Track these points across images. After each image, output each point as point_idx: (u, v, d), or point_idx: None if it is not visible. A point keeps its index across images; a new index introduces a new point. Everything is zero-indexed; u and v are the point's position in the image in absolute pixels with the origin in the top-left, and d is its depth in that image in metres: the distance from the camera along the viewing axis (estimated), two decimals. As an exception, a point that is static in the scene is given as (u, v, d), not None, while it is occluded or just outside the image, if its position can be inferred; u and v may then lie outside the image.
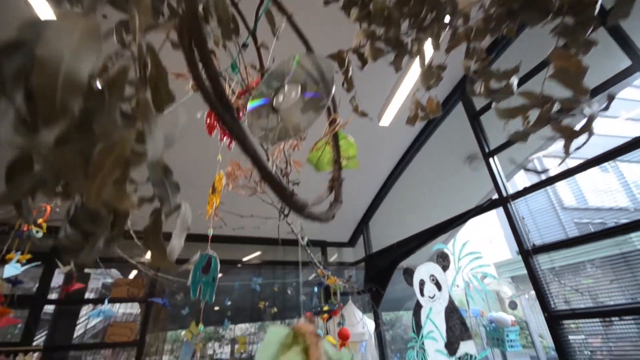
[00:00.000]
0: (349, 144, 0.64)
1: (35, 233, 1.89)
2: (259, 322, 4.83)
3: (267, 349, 0.48)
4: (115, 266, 3.77)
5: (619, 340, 1.92)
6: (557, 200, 9.17)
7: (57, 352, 3.34)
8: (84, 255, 0.27)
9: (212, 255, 1.11)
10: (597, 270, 2.17)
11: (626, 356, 1.88)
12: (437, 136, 3.59)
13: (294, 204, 0.32)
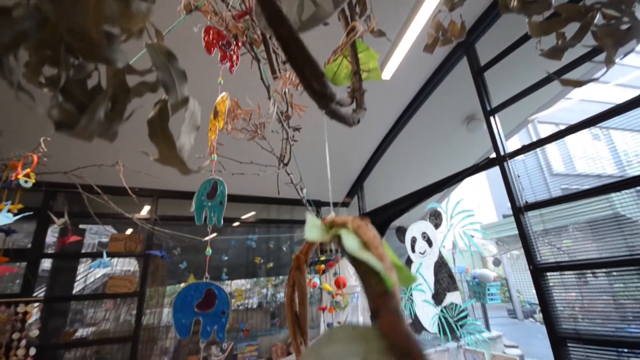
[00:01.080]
0: (370, 55, 0.58)
1: (24, 183, 1.83)
2: (254, 277, 5.00)
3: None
4: (111, 222, 3.77)
5: (597, 292, 2.05)
6: (546, 166, 9.34)
7: (57, 302, 3.44)
8: (80, 128, 0.23)
9: (218, 179, 1.06)
10: (580, 232, 2.25)
11: (602, 307, 2.02)
12: (436, 95, 3.49)
13: (324, 90, 0.28)
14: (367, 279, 0.21)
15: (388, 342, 0.18)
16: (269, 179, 2.45)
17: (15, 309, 2.89)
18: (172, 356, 3.77)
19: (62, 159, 2.48)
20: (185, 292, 0.93)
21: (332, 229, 0.26)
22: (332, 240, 0.27)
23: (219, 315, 0.92)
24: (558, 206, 2.23)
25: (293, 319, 0.41)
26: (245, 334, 4.04)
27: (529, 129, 11.22)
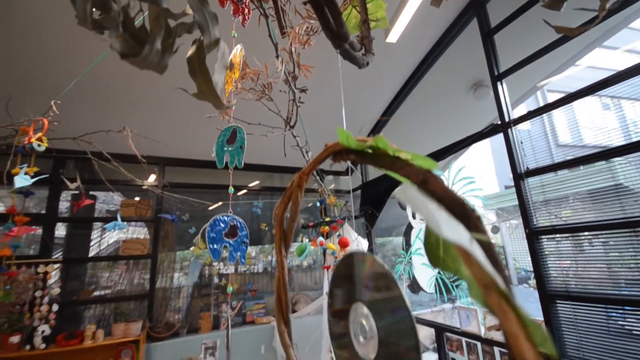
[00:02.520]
0: (378, 4, 0.59)
1: (37, 146, 1.88)
2: (259, 245, 5.18)
3: None
4: (120, 189, 3.86)
5: (589, 254, 2.15)
6: (553, 136, 9.24)
7: (75, 263, 3.63)
8: (143, 57, 0.27)
9: (237, 126, 1.11)
10: (581, 202, 2.30)
11: (592, 267, 2.12)
12: (444, 60, 3.40)
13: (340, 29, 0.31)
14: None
15: (442, 202, 0.23)
16: (274, 147, 2.49)
17: (36, 270, 3.07)
18: (185, 314, 4.03)
19: (70, 126, 2.52)
20: (214, 222, 1.06)
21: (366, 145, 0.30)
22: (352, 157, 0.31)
23: (241, 244, 1.03)
24: (559, 174, 2.27)
25: (281, 235, 0.46)
26: (252, 293, 4.28)
27: (537, 98, 10.93)
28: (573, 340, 2.08)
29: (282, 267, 0.44)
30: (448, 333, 3.09)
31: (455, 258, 0.30)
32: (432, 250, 0.30)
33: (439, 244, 0.30)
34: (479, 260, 0.23)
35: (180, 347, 3.43)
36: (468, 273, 0.29)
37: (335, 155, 0.31)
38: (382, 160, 0.33)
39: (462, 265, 0.28)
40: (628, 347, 1.84)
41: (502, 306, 0.21)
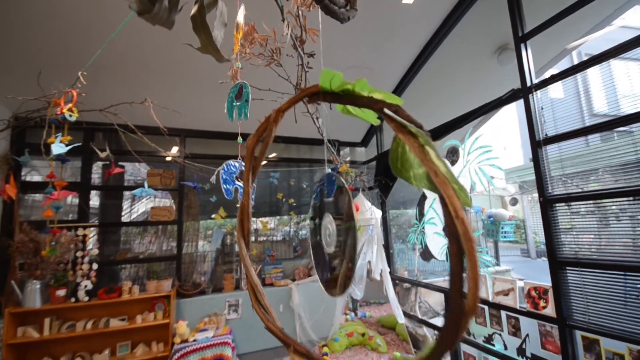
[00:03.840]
0: None
1: (69, 116, 2.02)
2: (278, 215, 5.37)
3: None
4: (146, 159, 4.07)
5: (602, 222, 2.11)
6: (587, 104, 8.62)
7: (109, 228, 3.97)
8: (154, 14, 0.33)
9: (243, 82, 1.19)
10: (602, 174, 2.22)
11: (605, 235, 2.10)
12: (466, 21, 3.21)
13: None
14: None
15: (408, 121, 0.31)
16: (290, 118, 2.53)
17: (76, 233, 3.39)
18: (210, 276, 4.36)
19: (96, 99, 2.66)
20: (227, 166, 1.23)
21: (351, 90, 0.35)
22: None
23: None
24: (579, 148, 2.19)
25: (250, 166, 0.52)
26: (271, 258, 4.54)
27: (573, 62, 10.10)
28: (580, 306, 2.12)
29: (247, 195, 0.50)
30: (457, 298, 3.20)
31: (409, 167, 0.38)
32: (394, 163, 0.38)
33: (398, 157, 0.37)
34: (430, 156, 0.32)
35: (206, 304, 3.76)
36: (421, 170, 0.36)
37: (312, 96, 0.37)
38: (360, 100, 0.38)
39: (415, 168, 0.36)
40: (632, 310, 1.87)
41: (445, 182, 0.30)
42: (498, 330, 2.70)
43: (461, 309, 0.29)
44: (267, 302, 0.51)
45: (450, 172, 0.33)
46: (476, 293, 0.30)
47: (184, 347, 3.09)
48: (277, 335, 0.48)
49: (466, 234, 0.30)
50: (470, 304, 0.29)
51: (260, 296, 0.51)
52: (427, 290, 4.30)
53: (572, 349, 2.14)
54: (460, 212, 0.31)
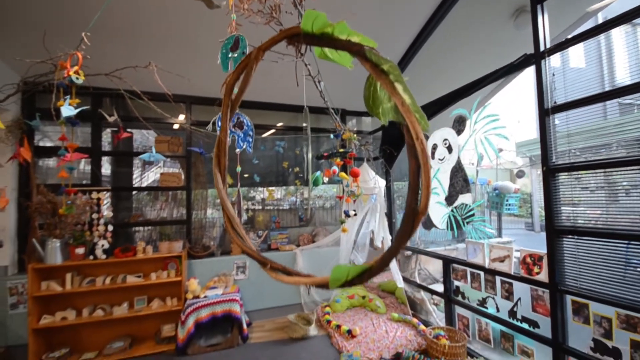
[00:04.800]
0: None
1: (76, 79, 2.05)
2: (284, 185, 5.46)
3: None
4: (153, 126, 4.12)
5: (601, 192, 2.11)
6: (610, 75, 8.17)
7: (122, 192, 4.12)
8: None
9: (240, 35, 1.20)
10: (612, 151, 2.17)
11: (603, 204, 2.11)
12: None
13: None
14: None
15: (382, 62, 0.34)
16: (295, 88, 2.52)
17: (90, 196, 3.54)
18: (218, 241, 4.55)
19: (102, 64, 2.67)
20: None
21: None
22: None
23: (247, 135, 1.22)
24: (596, 121, 2.12)
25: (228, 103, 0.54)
26: (277, 225, 4.69)
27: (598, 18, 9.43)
28: (572, 272, 2.19)
29: (225, 131, 0.54)
30: (455, 264, 3.30)
31: (379, 104, 0.41)
32: (367, 101, 0.41)
33: (370, 95, 0.41)
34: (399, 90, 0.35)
35: (216, 265, 3.98)
36: (390, 104, 0.40)
37: (292, 37, 0.39)
38: (338, 43, 0.41)
39: (384, 103, 0.40)
40: (622, 276, 1.92)
41: (409, 111, 0.34)
42: (492, 294, 2.81)
43: (415, 211, 0.34)
44: (243, 231, 0.56)
45: (414, 103, 0.36)
46: (428, 198, 0.34)
47: (195, 302, 3.32)
48: (253, 256, 0.53)
49: (423, 151, 0.34)
50: (422, 206, 0.33)
51: (236, 226, 0.56)
52: (427, 259, 4.43)
53: (562, 312, 2.24)
54: (420, 135, 0.34)
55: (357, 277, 0.36)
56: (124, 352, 3.21)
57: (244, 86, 0.50)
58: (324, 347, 3.30)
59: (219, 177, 0.54)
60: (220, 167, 0.54)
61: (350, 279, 0.36)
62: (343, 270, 0.35)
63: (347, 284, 0.36)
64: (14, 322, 3.24)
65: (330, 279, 0.37)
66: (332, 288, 0.37)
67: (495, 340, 2.84)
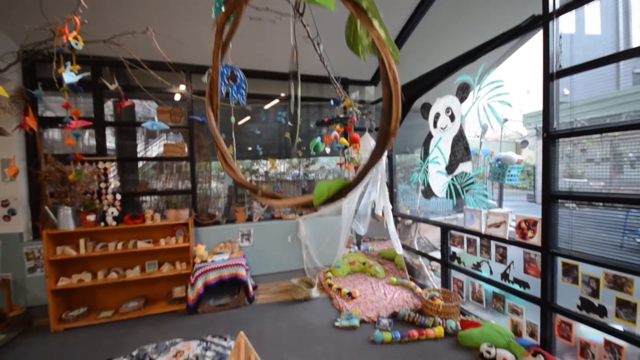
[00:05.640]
0: None
1: (75, 45, 2.05)
2: (287, 158, 5.49)
3: None
4: (153, 96, 4.11)
5: (600, 157, 2.12)
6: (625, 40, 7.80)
7: (127, 162, 4.19)
8: None
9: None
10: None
11: (601, 169, 2.12)
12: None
13: None
14: None
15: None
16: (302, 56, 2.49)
17: (97, 166, 3.62)
18: (223, 210, 4.68)
19: (99, 31, 2.63)
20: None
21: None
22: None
23: (240, 87, 1.27)
24: (608, 91, 2.08)
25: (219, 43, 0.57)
26: (279, 194, 4.78)
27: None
28: (565, 235, 2.26)
29: (216, 71, 0.57)
30: (452, 231, 3.40)
31: (358, 41, 0.44)
32: (348, 39, 0.45)
33: (351, 34, 0.44)
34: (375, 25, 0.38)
35: (221, 232, 4.12)
36: (368, 40, 0.43)
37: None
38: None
39: (363, 40, 0.43)
40: (610, 239, 1.99)
41: (384, 44, 0.38)
42: (486, 258, 2.92)
43: (387, 132, 0.38)
44: (235, 166, 0.61)
45: (388, 38, 0.39)
46: (397, 120, 0.38)
47: (203, 266, 3.49)
48: (246, 185, 0.58)
49: (395, 80, 0.38)
50: (392, 128, 0.38)
51: (229, 160, 0.61)
52: (426, 227, 4.54)
53: (552, 273, 2.34)
54: (392, 65, 0.38)
55: (337, 193, 0.41)
56: (139, 310, 3.44)
57: (234, 26, 0.52)
58: (325, 308, 3.50)
59: (212, 117, 0.58)
60: (213, 106, 0.58)
61: (332, 195, 0.40)
62: (324, 186, 0.40)
63: (329, 200, 0.41)
64: (32, 285, 3.45)
65: (314, 195, 0.42)
66: (317, 205, 0.42)
67: (487, 301, 2.99)
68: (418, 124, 4.29)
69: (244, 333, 1.46)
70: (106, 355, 2.63)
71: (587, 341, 2.14)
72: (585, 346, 2.16)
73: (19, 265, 3.42)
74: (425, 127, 3.71)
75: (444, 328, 2.85)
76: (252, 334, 2.90)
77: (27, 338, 3.03)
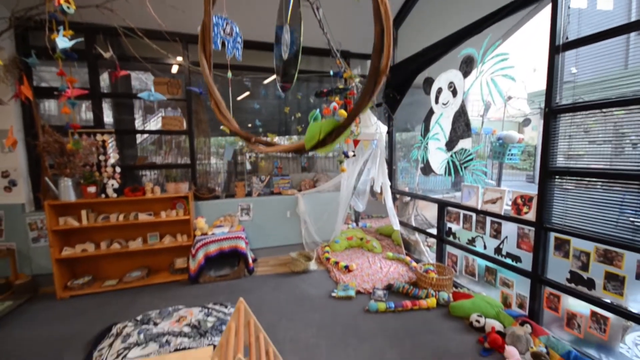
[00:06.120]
0: None
1: (67, 9, 1.98)
2: (287, 135, 5.44)
3: None
4: (149, 67, 4.02)
5: (602, 132, 2.10)
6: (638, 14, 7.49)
7: (125, 135, 4.16)
8: None
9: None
10: None
11: (601, 144, 2.11)
12: None
13: None
14: None
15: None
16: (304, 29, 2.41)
17: (95, 138, 3.60)
18: (223, 185, 4.70)
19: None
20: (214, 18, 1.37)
21: None
22: None
23: (235, 42, 1.28)
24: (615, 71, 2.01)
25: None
26: (279, 170, 4.80)
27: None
28: (559, 211, 2.29)
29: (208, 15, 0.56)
30: (449, 207, 3.44)
31: None
32: None
33: None
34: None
35: (221, 206, 4.17)
36: None
37: None
38: None
39: None
40: (604, 215, 2.02)
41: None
42: (481, 234, 2.97)
43: (378, 69, 0.38)
44: (230, 115, 0.61)
45: None
46: (388, 57, 0.38)
47: (204, 238, 3.56)
48: (239, 134, 0.59)
49: (387, 14, 0.37)
50: (383, 66, 0.38)
51: (223, 109, 0.61)
52: (424, 205, 4.58)
53: (544, 247, 2.39)
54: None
55: (328, 134, 0.41)
56: (142, 280, 3.55)
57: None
58: (322, 279, 3.61)
59: (205, 64, 0.57)
60: (206, 53, 0.57)
61: (323, 137, 0.40)
62: (316, 127, 0.40)
63: (320, 143, 0.41)
64: (37, 254, 3.53)
65: (306, 138, 0.42)
66: (308, 148, 0.42)
67: (479, 275, 3.08)
68: (420, 101, 4.22)
69: (243, 300, 1.52)
70: (111, 320, 2.74)
71: (574, 312, 2.23)
72: (572, 317, 2.24)
73: (22, 235, 3.48)
74: (426, 104, 3.65)
75: (437, 299, 2.95)
76: (251, 302, 3.01)
77: (34, 305, 3.14)
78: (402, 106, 4.26)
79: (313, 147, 0.43)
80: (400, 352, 2.28)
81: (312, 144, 0.41)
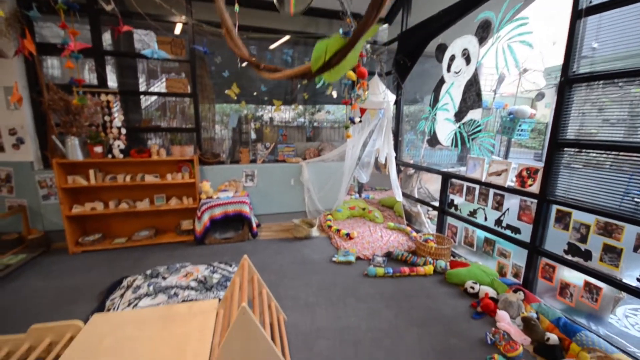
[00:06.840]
0: None
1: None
2: (293, 104, 5.33)
3: None
4: (154, 25, 3.89)
5: (617, 102, 2.03)
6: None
7: (130, 96, 4.12)
8: None
9: None
10: None
11: (615, 115, 2.05)
12: None
13: None
14: None
15: None
16: None
17: (99, 98, 3.57)
18: (228, 151, 4.71)
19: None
20: None
21: None
22: None
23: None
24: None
25: None
26: (284, 138, 4.77)
27: None
28: (564, 184, 2.28)
29: None
30: (453, 179, 3.43)
31: None
32: None
33: None
34: None
35: (226, 172, 4.21)
36: None
37: None
38: None
39: None
40: (609, 190, 2.01)
41: None
42: (483, 206, 2.99)
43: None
44: (240, 42, 0.60)
45: None
46: None
47: (209, 201, 3.64)
48: (249, 60, 0.58)
49: None
50: None
51: (233, 36, 0.60)
52: (428, 178, 4.57)
53: (545, 219, 2.41)
54: None
55: (334, 55, 0.41)
56: (150, 239, 3.67)
57: None
58: (324, 246, 3.71)
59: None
60: None
61: (329, 58, 0.40)
62: (322, 46, 0.39)
63: (327, 65, 0.40)
64: (48, 211, 3.64)
65: (312, 60, 0.41)
66: (315, 70, 0.42)
67: (478, 246, 3.13)
68: (430, 71, 4.08)
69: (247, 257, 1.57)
70: (122, 274, 2.87)
71: (568, 282, 2.28)
72: (565, 287, 2.31)
73: (32, 192, 3.57)
74: (436, 74, 3.53)
75: (434, 267, 3.03)
76: (255, 263, 3.11)
77: (47, 258, 3.29)
78: (412, 77, 4.12)
79: (319, 70, 0.42)
80: (396, 313, 2.39)
81: (318, 64, 0.41)
